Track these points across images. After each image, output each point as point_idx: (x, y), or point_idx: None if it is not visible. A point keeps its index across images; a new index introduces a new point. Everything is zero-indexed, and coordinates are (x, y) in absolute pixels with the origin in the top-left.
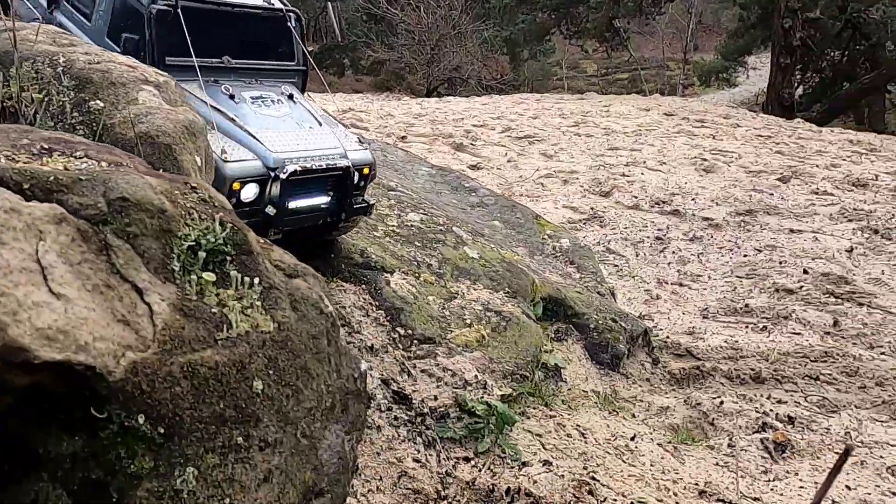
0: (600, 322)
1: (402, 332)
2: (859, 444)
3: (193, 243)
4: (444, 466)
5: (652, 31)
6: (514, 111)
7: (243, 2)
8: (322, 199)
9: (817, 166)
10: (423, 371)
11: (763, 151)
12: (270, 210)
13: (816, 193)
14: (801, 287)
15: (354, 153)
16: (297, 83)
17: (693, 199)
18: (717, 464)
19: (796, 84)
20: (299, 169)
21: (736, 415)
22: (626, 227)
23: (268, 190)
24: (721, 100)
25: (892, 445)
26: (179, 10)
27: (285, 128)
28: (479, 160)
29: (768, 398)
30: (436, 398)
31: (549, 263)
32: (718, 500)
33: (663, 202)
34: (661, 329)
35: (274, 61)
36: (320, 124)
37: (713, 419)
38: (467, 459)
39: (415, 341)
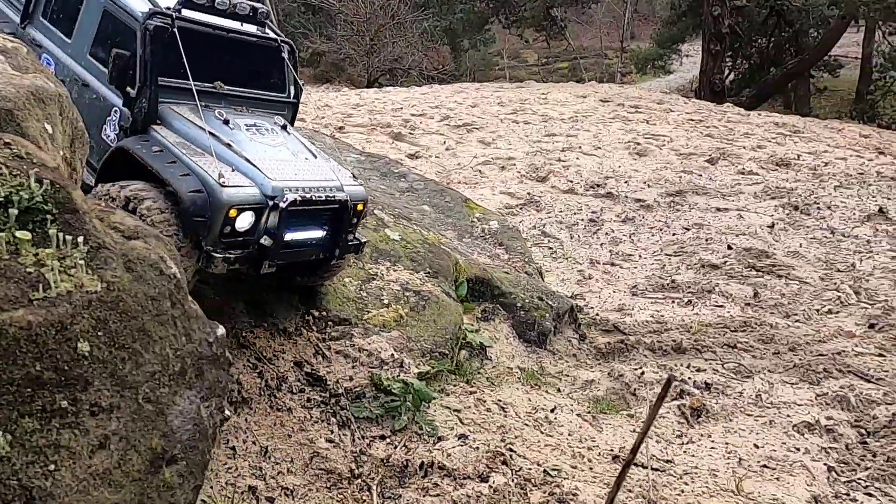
0: (527, 301)
1: (316, 314)
2: (769, 406)
3: (2, 200)
4: (359, 445)
5: (590, 20)
6: (453, 100)
7: (239, 28)
8: (317, 234)
9: (744, 148)
10: (337, 352)
11: (694, 135)
12: (266, 241)
13: (742, 173)
14: (725, 262)
15: (350, 187)
16: (287, 115)
17: (626, 182)
18: (633, 430)
19: (728, 70)
20: (299, 199)
21: (656, 384)
22: (561, 211)
23: (264, 219)
24: (657, 87)
25: (799, 405)
26: (176, 30)
27: (282, 157)
28: (418, 149)
29: (688, 367)
30: (351, 378)
31: (477, 245)
32: (632, 463)
33: (598, 185)
34: (592, 307)
35: (265, 91)
36: (315, 156)
37: (634, 389)
38: (383, 437)
39: (330, 323)
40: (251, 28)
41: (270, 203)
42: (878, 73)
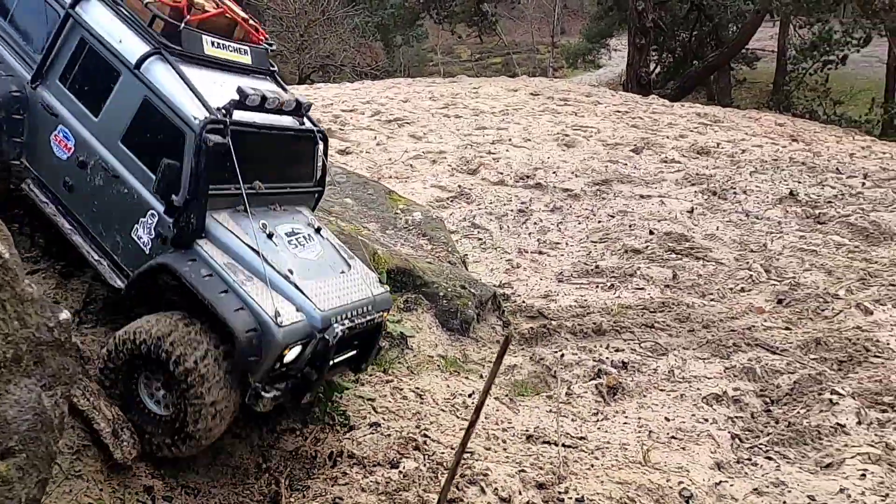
0: (450, 289)
1: None
2: (681, 380)
3: None
4: (267, 440)
5: (521, 15)
6: (384, 95)
7: (283, 123)
8: (351, 353)
9: (667, 137)
10: None
11: (620, 126)
12: (311, 374)
13: (665, 162)
14: (647, 247)
15: (379, 297)
16: (311, 203)
17: (554, 173)
18: (549, 411)
19: (655, 64)
20: (346, 331)
21: (575, 365)
22: (491, 202)
23: (309, 350)
24: (588, 81)
25: (709, 378)
26: (230, 139)
27: (324, 274)
28: (348, 144)
29: (607, 348)
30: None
31: (401, 236)
32: (544, 442)
33: (527, 177)
34: (519, 295)
35: (296, 181)
36: (349, 265)
37: (555, 371)
38: (293, 430)
39: None
40: (292, 120)
41: (318, 335)
42: (792, 64)
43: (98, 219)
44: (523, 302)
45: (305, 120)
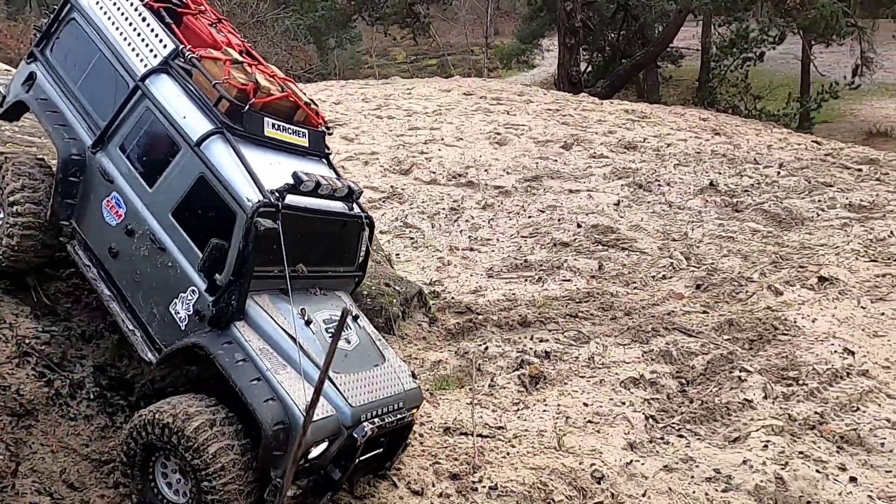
0: (374, 288)
1: None
2: (601, 366)
3: None
4: None
5: (454, 16)
6: (316, 98)
7: (333, 208)
8: (377, 451)
9: (596, 133)
10: None
11: (551, 123)
12: (336, 473)
13: (594, 157)
14: (575, 239)
15: (411, 391)
16: (350, 287)
17: (486, 171)
18: (469, 403)
19: (586, 63)
20: (376, 431)
21: (499, 357)
22: (423, 202)
23: (336, 448)
24: (522, 81)
25: (627, 363)
26: (280, 223)
27: (358, 366)
28: None
29: (531, 339)
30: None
31: None
32: (462, 433)
33: (459, 175)
34: (450, 291)
35: (338, 266)
36: (383, 357)
37: (479, 364)
38: None
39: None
40: (342, 206)
41: (345, 432)
42: (714, 62)
43: (138, 288)
44: (452, 298)
45: (354, 205)
